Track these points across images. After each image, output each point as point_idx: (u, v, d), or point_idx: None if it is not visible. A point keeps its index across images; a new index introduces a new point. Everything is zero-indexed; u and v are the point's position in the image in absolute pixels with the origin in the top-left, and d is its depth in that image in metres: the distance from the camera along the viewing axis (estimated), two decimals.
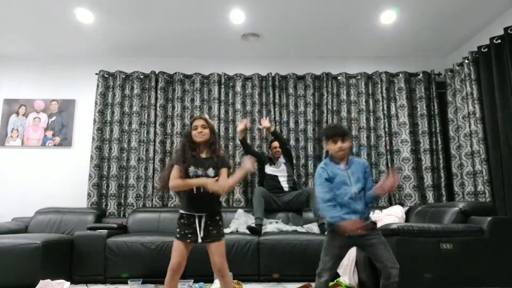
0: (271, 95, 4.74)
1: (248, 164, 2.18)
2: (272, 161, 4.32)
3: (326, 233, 2.22)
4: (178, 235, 2.19)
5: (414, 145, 4.61)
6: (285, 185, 4.20)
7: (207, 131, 2.30)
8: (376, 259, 2.10)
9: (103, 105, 4.69)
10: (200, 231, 2.17)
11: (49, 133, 4.70)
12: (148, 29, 4.24)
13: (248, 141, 4.64)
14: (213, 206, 2.24)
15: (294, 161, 4.54)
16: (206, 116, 2.43)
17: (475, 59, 4.05)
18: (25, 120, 4.72)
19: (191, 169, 2.21)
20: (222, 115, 4.71)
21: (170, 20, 4.05)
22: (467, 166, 4.15)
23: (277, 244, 3.44)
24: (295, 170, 4.52)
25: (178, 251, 2.17)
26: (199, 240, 2.17)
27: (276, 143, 4.30)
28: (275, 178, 4.22)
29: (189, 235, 2.18)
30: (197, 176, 2.20)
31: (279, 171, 4.25)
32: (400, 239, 2.46)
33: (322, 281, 2.09)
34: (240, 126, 4.33)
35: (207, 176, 2.21)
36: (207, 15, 3.95)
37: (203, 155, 2.29)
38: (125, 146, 4.65)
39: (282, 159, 4.30)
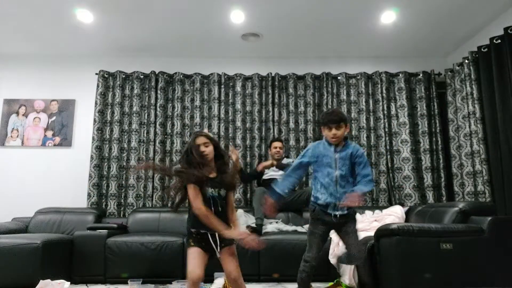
0: (271, 95, 4.74)
1: (234, 156, 2.17)
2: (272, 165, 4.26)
3: (309, 221, 2.37)
4: (193, 243, 2.06)
5: (414, 145, 4.61)
6: None
7: (210, 148, 2.10)
8: (345, 245, 2.29)
9: (103, 105, 4.69)
10: (217, 246, 2.09)
11: (49, 133, 4.70)
12: (148, 29, 4.24)
13: (248, 141, 4.65)
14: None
15: (294, 161, 4.52)
16: (207, 132, 2.19)
17: (475, 59, 4.05)
18: (25, 120, 4.72)
19: (209, 190, 2.05)
20: (222, 115, 4.71)
21: (170, 20, 4.05)
22: (467, 166, 4.15)
23: (277, 244, 3.44)
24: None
25: (197, 258, 2.02)
26: (217, 254, 2.08)
27: (277, 143, 4.27)
28: (275, 181, 4.19)
29: (204, 246, 2.07)
30: (213, 197, 2.06)
31: (279, 174, 4.22)
32: (400, 239, 2.45)
33: (308, 265, 2.26)
34: (233, 156, 4.09)
35: (220, 196, 2.08)
36: (207, 15, 3.95)
37: (212, 175, 2.10)
38: (125, 146, 4.65)
39: (285, 161, 4.27)
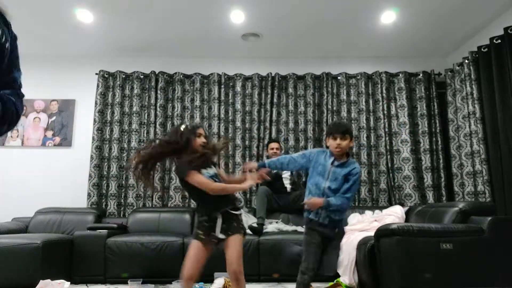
0: (271, 95, 4.73)
1: (251, 181, 2.18)
2: None
3: (304, 231, 2.33)
4: (201, 234, 2.10)
5: (414, 145, 4.61)
6: (288, 186, 4.20)
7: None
8: (326, 255, 2.27)
9: (103, 105, 4.69)
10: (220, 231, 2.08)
11: (49, 133, 4.70)
12: (148, 29, 4.24)
13: (247, 142, 4.64)
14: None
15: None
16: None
17: (475, 59, 4.05)
18: (25, 120, 4.71)
19: (204, 172, 2.12)
20: (222, 115, 4.71)
21: (170, 20, 4.04)
22: (467, 166, 4.15)
23: (277, 244, 3.44)
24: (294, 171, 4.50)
25: (195, 255, 2.08)
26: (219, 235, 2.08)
27: (273, 144, 4.27)
28: (280, 179, 4.20)
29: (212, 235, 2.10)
30: (211, 177, 2.14)
31: (284, 172, 4.23)
32: (400, 239, 2.45)
33: (306, 277, 2.19)
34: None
35: (215, 174, 2.16)
36: (207, 15, 3.95)
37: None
38: (125, 146, 4.65)
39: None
